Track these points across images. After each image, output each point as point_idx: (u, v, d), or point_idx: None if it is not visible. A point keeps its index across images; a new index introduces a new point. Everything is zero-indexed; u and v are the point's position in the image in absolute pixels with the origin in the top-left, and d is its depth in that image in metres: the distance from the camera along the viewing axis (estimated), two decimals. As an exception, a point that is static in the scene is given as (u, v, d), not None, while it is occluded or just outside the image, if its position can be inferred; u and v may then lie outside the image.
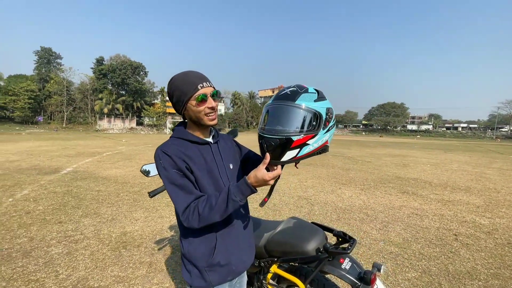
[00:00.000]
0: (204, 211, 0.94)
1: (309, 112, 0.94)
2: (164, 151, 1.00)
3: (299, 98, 0.95)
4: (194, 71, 1.06)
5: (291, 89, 0.99)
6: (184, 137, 1.08)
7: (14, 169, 7.23)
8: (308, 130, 0.94)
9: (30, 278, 2.34)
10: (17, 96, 39.22)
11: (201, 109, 1.02)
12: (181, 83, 1.01)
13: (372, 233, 3.48)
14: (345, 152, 15.41)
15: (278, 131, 0.94)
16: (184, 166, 1.00)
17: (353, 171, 8.37)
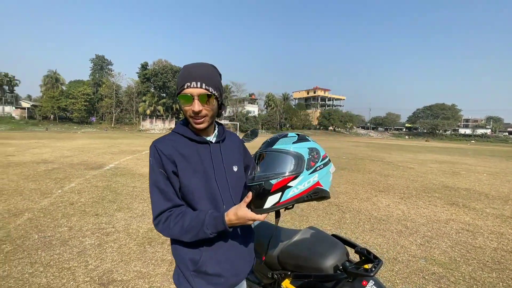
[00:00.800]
0: (175, 228, 0.91)
1: (287, 154, 0.91)
2: (157, 147, 0.95)
3: (277, 143, 0.95)
4: (197, 66, 0.95)
5: (272, 136, 1.00)
6: (183, 133, 1.01)
7: (66, 163, 8.06)
8: (288, 172, 0.88)
9: (63, 266, 2.50)
10: (76, 99, 44.19)
11: (186, 110, 0.95)
12: (179, 76, 0.94)
13: (411, 249, 3.09)
14: (384, 156, 14.34)
15: (258, 177, 0.90)
16: (171, 170, 0.94)
17: (392, 178, 7.70)
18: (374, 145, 27.68)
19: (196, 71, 0.93)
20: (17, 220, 3.53)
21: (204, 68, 0.95)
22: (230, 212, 0.90)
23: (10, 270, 2.39)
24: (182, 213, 0.93)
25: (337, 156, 13.37)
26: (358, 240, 3.29)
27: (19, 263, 2.52)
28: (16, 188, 5.08)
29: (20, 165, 7.50)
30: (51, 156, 9.66)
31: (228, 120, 59.79)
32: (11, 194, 4.68)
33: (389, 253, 2.97)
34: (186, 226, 0.90)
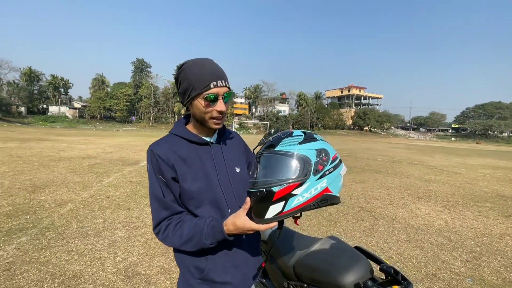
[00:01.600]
0: (174, 237, 0.87)
1: (291, 157, 0.79)
2: (155, 152, 0.90)
3: (280, 144, 0.83)
4: (212, 63, 0.91)
5: (275, 136, 0.88)
6: (181, 135, 0.96)
7: (107, 159, 8.72)
8: (292, 178, 0.78)
9: (95, 256, 2.66)
10: (118, 100, 48.06)
11: (209, 111, 0.89)
12: (192, 74, 0.88)
13: (455, 265, 2.74)
14: (425, 160, 13.16)
15: (259, 183, 0.80)
16: (170, 176, 0.89)
17: (434, 183, 7.00)
18: (414, 147, 25.62)
19: (216, 69, 0.90)
20: (61, 210, 3.87)
21: (217, 65, 0.92)
22: (228, 221, 0.83)
23: (50, 256, 2.60)
24: (181, 221, 0.88)
25: (372, 158, 12.60)
26: (391, 251, 3.00)
27: (58, 250, 2.73)
28: (63, 180, 5.60)
29: (68, 159, 8.30)
30: (95, 152, 10.55)
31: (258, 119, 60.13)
32: (59, 186, 5.17)
33: (427, 268, 2.65)
34: (185, 235, 0.85)
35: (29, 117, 44.07)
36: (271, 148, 0.84)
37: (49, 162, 7.68)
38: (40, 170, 6.46)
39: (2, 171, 6.13)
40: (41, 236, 3.01)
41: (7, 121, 37.71)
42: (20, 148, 10.68)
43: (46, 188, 4.93)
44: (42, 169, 6.59)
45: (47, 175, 5.97)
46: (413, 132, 77.76)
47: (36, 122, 41.00)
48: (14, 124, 35.46)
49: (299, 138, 0.83)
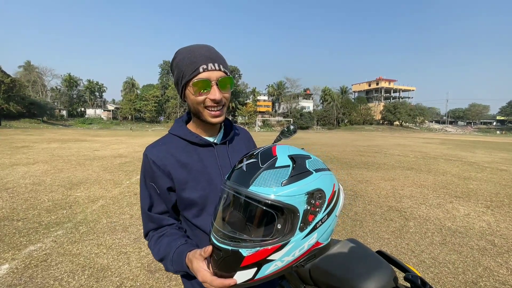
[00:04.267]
0: (154, 252, 0.81)
1: (269, 208, 0.56)
2: (149, 157, 0.81)
3: (255, 180, 0.57)
4: (205, 46, 0.80)
5: (251, 160, 0.62)
6: (181, 135, 0.86)
7: (136, 158, 9.17)
8: (268, 240, 0.57)
9: (121, 250, 2.78)
10: (147, 101, 50.45)
11: (200, 100, 0.77)
12: (181, 59, 0.77)
13: (499, 273, 2.45)
14: (465, 156, 12.09)
15: (223, 235, 0.61)
16: (165, 186, 0.80)
17: (475, 181, 6.39)
18: (452, 142, 23.70)
19: (207, 51, 0.78)
20: (93, 206, 4.12)
21: (212, 48, 0.80)
22: (190, 255, 0.69)
23: (81, 249, 2.77)
24: (163, 236, 0.81)
25: (403, 154, 11.86)
26: (423, 254, 2.77)
27: (89, 243, 2.90)
28: (96, 178, 5.98)
29: (102, 158, 8.86)
30: (126, 151, 11.16)
31: (282, 116, 59.66)
32: (92, 183, 5.53)
33: (466, 275, 2.40)
34: (160, 254, 0.78)
35: (70, 120, 48.00)
36: (243, 185, 0.58)
37: (84, 161, 8.26)
38: (77, 169, 6.96)
39: (45, 170, 6.70)
40: (75, 230, 3.22)
41: (51, 123, 41.43)
42: (61, 148, 11.63)
43: (81, 185, 5.29)
44: (78, 168, 7.10)
45: (82, 173, 6.41)
46: (450, 126, 72.17)
47: (75, 124, 44.55)
48: (57, 126, 38.87)
49: (285, 172, 0.58)
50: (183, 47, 0.82)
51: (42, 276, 2.29)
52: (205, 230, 0.82)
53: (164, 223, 0.83)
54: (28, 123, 37.39)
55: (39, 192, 4.72)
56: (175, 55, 0.81)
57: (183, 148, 0.84)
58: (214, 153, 0.87)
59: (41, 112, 42.36)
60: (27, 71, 50.39)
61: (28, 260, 2.52)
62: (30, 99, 41.98)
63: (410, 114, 60.92)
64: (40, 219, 3.51)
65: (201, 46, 0.80)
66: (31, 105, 40.91)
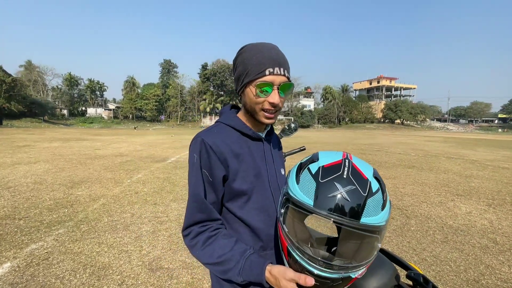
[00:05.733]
0: (203, 253, 0.75)
1: (378, 233, 0.59)
2: (206, 142, 0.78)
3: (363, 212, 0.57)
4: (273, 47, 0.80)
5: (350, 187, 0.58)
6: (234, 126, 0.85)
7: (137, 156, 9.18)
8: (372, 256, 0.63)
9: (122, 249, 2.78)
10: (148, 100, 50.50)
11: (260, 101, 0.78)
12: (248, 58, 0.77)
13: (502, 271, 2.44)
14: (466, 154, 12.05)
15: (337, 267, 0.61)
16: (220, 174, 0.78)
17: (477, 179, 6.37)
18: (453, 140, 23.62)
19: (276, 54, 0.77)
20: (94, 204, 4.13)
21: (280, 51, 0.80)
22: (274, 271, 0.67)
23: (83, 248, 2.77)
24: (216, 236, 0.77)
25: (404, 153, 11.83)
26: (425, 252, 2.76)
27: (90, 242, 2.91)
28: (97, 177, 5.99)
29: (103, 157, 8.88)
30: (126, 150, 11.17)
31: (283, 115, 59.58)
32: (93, 182, 5.53)
33: (467, 273, 2.39)
34: (216, 256, 0.73)
35: (71, 119, 48.08)
36: (352, 219, 0.57)
37: (86, 160, 8.27)
38: (78, 168, 6.97)
39: (46, 169, 6.72)
40: (76, 229, 3.22)
41: (52, 123, 41.52)
42: (62, 147, 11.65)
43: (83, 184, 5.30)
44: (80, 167, 7.11)
45: (83, 172, 6.43)
46: (451, 124, 71.96)
47: (76, 123, 44.62)
48: (58, 126, 38.95)
49: (379, 196, 0.60)
50: (251, 43, 0.81)
51: (43, 274, 2.29)
52: (247, 222, 0.82)
53: (213, 216, 0.79)
54: (29, 122, 37.47)
55: (40, 191, 4.73)
56: (241, 50, 0.81)
57: (236, 138, 0.84)
58: (262, 147, 0.89)
59: (42, 111, 42.46)
60: (28, 70, 50.44)
61: (29, 259, 2.52)
62: (31, 98, 42.05)
63: (412, 112, 60.71)
64: (41, 218, 3.52)
65: (270, 47, 0.79)
66: (32, 105, 41.00)
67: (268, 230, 0.85)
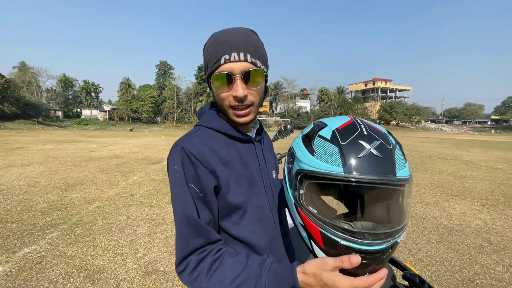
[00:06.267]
0: (210, 283, 0.57)
1: (410, 186, 0.57)
2: (187, 150, 0.64)
3: (395, 165, 0.52)
4: (235, 30, 0.66)
5: (374, 144, 0.53)
6: (219, 128, 0.72)
7: (133, 158, 9.11)
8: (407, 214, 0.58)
9: (118, 252, 2.75)
10: (144, 102, 50.23)
11: (224, 97, 0.66)
12: (207, 47, 0.66)
13: (496, 270, 2.46)
14: (460, 154, 12.20)
15: (384, 235, 0.53)
16: (211, 186, 0.64)
17: (471, 180, 6.44)
18: (448, 141, 23.91)
19: (233, 37, 0.63)
20: (89, 207, 4.08)
21: (244, 33, 0.65)
22: (308, 269, 0.54)
23: (77, 251, 2.73)
24: (221, 258, 0.60)
25: (399, 154, 11.90)
26: (420, 253, 2.78)
27: (85, 245, 2.87)
28: (92, 179, 5.93)
29: (98, 159, 8.79)
30: (122, 152, 11.08)
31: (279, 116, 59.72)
32: (88, 184, 5.47)
33: (462, 273, 2.41)
34: (230, 281, 0.56)
35: (66, 121, 47.57)
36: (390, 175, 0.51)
37: (80, 162, 8.18)
38: (72, 170, 6.89)
39: (40, 171, 6.62)
40: (71, 232, 3.18)
41: (47, 124, 41.01)
42: (56, 149, 11.51)
43: (77, 186, 5.24)
44: (74, 169, 7.03)
45: (78, 174, 6.35)
46: (446, 125, 72.88)
47: (71, 125, 44.15)
48: (53, 127, 38.49)
49: (399, 149, 0.57)
50: (217, 31, 0.68)
51: (36, 278, 2.25)
52: (245, 241, 0.69)
53: (212, 237, 0.63)
54: (23, 124, 36.95)
55: (34, 194, 4.66)
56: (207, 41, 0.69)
57: (222, 142, 0.70)
58: (254, 150, 0.77)
59: (36, 113, 41.92)
60: (22, 71, 49.89)
61: (22, 263, 2.48)
62: (25, 100, 41.52)
63: (406, 114, 61.34)
64: (34, 221, 3.47)
65: (231, 30, 0.66)
66: (26, 106, 40.47)
67: (270, 244, 0.73)
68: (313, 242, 0.58)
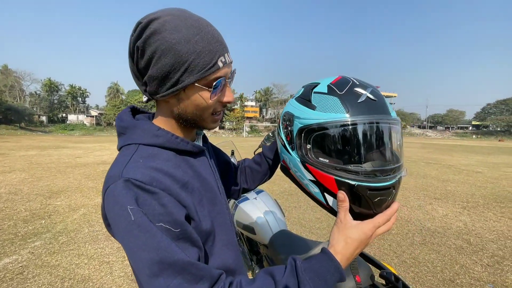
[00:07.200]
0: None
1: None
2: (140, 181, 0.47)
3: (389, 108, 0.61)
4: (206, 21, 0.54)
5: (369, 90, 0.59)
6: (165, 145, 0.57)
7: (121, 164, 8.93)
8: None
9: (104, 260, 2.69)
10: (133, 107, 49.56)
11: (211, 104, 0.56)
12: (182, 42, 0.49)
13: (475, 270, 2.57)
14: (443, 159, 12.64)
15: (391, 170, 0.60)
16: (183, 214, 0.50)
17: (453, 183, 6.69)
18: (432, 146, 24.71)
19: (217, 32, 0.55)
20: (74, 215, 3.97)
21: (211, 25, 0.56)
22: (337, 243, 0.53)
23: (61, 260, 2.66)
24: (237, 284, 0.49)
25: (386, 158, 12.21)
26: (404, 255, 2.87)
27: (69, 254, 2.80)
28: (78, 186, 5.78)
29: (84, 165, 8.58)
30: (109, 158, 10.84)
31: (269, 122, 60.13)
32: (74, 191, 5.33)
33: (444, 273, 2.51)
34: None
35: (50, 126, 46.17)
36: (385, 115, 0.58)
37: (65, 168, 7.96)
38: (57, 177, 6.70)
39: (22, 178, 6.40)
40: (54, 241, 3.09)
41: (30, 130, 39.67)
42: (40, 155, 11.15)
43: (62, 194, 5.10)
44: (59, 175, 6.83)
45: (63, 181, 6.18)
46: (430, 131, 75.31)
47: (56, 130, 42.88)
48: (36, 133, 37.25)
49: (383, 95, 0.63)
50: (162, 13, 0.51)
51: (17, 289, 2.18)
52: (221, 266, 0.59)
53: (214, 274, 0.48)
54: (4, 130, 35.58)
55: (15, 202, 4.50)
56: (154, 28, 0.49)
57: (173, 161, 0.56)
58: (207, 162, 0.67)
59: (18, 118, 40.54)
60: (4, 75, 48.20)
61: (2, 273, 2.39)
62: (6, 104, 40.08)
63: (393, 120, 63.03)
64: (16, 230, 3.35)
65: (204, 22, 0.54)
66: (8, 111, 39.08)
67: (238, 263, 0.66)
68: (327, 194, 0.60)
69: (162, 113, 0.61)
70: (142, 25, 0.51)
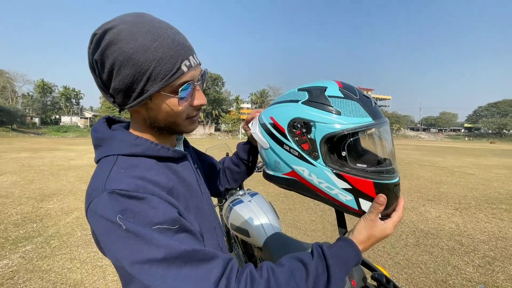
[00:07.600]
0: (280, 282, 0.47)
1: None
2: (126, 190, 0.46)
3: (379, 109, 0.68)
4: (167, 25, 0.53)
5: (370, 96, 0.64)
6: (145, 153, 0.55)
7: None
8: None
9: (97, 264, 2.66)
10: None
11: (182, 110, 0.55)
12: (140, 51, 0.48)
13: (466, 270, 2.61)
14: (436, 161, 12.81)
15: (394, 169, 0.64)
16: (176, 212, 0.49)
17: (445, 185, 6.78)
18: (425, 148, 25.03)
19: (178, 35, 0.53)
20: (67, 218, 3.92)
21: (174, 27, 0.55)
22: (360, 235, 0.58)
23: (53, 265, 2.62)
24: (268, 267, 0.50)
25: (380, 160, 12.33)
26: (398, 256, 2.90)
27: (61, 258, 2.76)
28: (71, 189, 5.70)
29: (78, 168, 8.47)
30: (104, 160, 10.73)
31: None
32: (66, 194, 5.26)
33: (436, 274, 2.54)
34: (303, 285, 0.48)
35: (43, 128, 45.53)
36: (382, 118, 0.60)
37: (58, 171, 7.85)
38: (49, 179, 6.60)
39: (13, 181, 6.29)
40: (46, 245, 3.04)
41: (22, 132, 39.06)
42: (32, 158, 10.98)
43: (54, 197, 5.02)
44: (51, 178, 6.73)
45: (56, 184, 6.09)
46: (423, 133, 76.26)
47: (49, 132, 42.31)
48: (28, 135, 36.68)
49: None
50: (119, 21, 0.50)
51: (7, 295, 2.14)
52: None
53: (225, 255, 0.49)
54: (-5, 131, 34.98)
55: (6, 205, 4.42)
56: (111, 38, 0.48)
57: (155, 169, 0.55)
58: (190, 166, 0.67)
59: (10, 119, 39.91)
60: (-4, 76, 47.53)
61: (-8, 279, 2.35)
62: (-2, 105, 39.48)
63: (387, 122, 63.72)
64: (6, 234, 3.29)
65: (164, 25, 0.52)
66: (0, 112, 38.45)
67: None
68: (362, 199, 0.59)
69: (136, 122, 0.61)
70: (97, 36, 0.49)
